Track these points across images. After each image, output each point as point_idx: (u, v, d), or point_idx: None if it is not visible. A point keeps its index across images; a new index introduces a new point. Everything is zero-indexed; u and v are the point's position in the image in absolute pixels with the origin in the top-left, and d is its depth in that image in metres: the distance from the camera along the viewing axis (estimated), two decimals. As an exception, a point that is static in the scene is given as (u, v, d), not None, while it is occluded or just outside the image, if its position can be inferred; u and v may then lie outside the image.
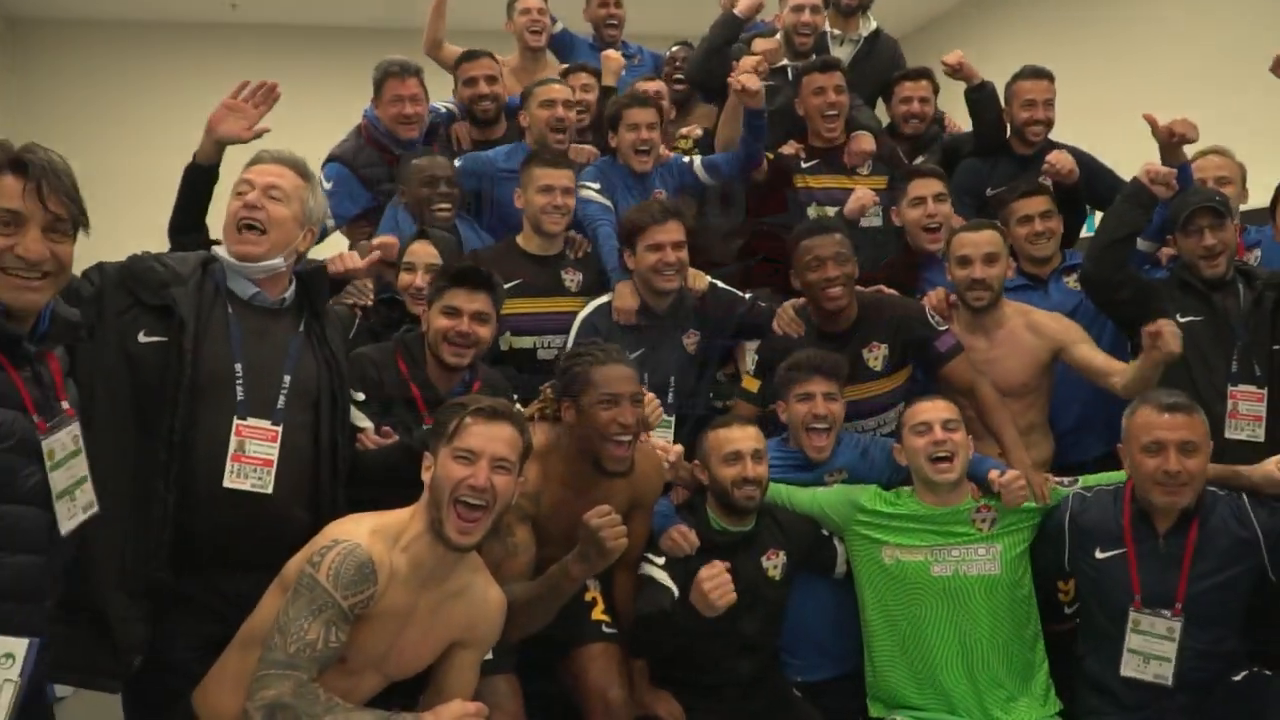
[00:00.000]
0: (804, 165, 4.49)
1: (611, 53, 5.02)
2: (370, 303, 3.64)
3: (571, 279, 3.96)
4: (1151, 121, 3.79)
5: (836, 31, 4.96)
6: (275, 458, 2.55)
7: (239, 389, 2.55)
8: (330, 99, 5.86)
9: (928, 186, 4.14)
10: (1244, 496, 3.02)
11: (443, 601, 2.45)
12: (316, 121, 4.41)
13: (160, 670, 2.47)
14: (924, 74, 4.94)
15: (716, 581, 2.85)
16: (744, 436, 3.19)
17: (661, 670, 3.20)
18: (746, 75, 4.04)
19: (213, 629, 2.48)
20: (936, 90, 5.00)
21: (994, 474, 3.20)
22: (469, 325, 3.10)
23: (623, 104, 4.27)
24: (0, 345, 2.00)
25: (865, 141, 4.49)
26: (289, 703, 2.10)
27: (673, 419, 3.68)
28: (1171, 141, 3.80)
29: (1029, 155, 4.45)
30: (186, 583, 2.50)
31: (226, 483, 2.50)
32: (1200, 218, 3.53)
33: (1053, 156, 4.20)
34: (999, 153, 4.54)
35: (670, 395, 3.67)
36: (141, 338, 2.51)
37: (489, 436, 2.39)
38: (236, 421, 2.53)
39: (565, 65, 5.13)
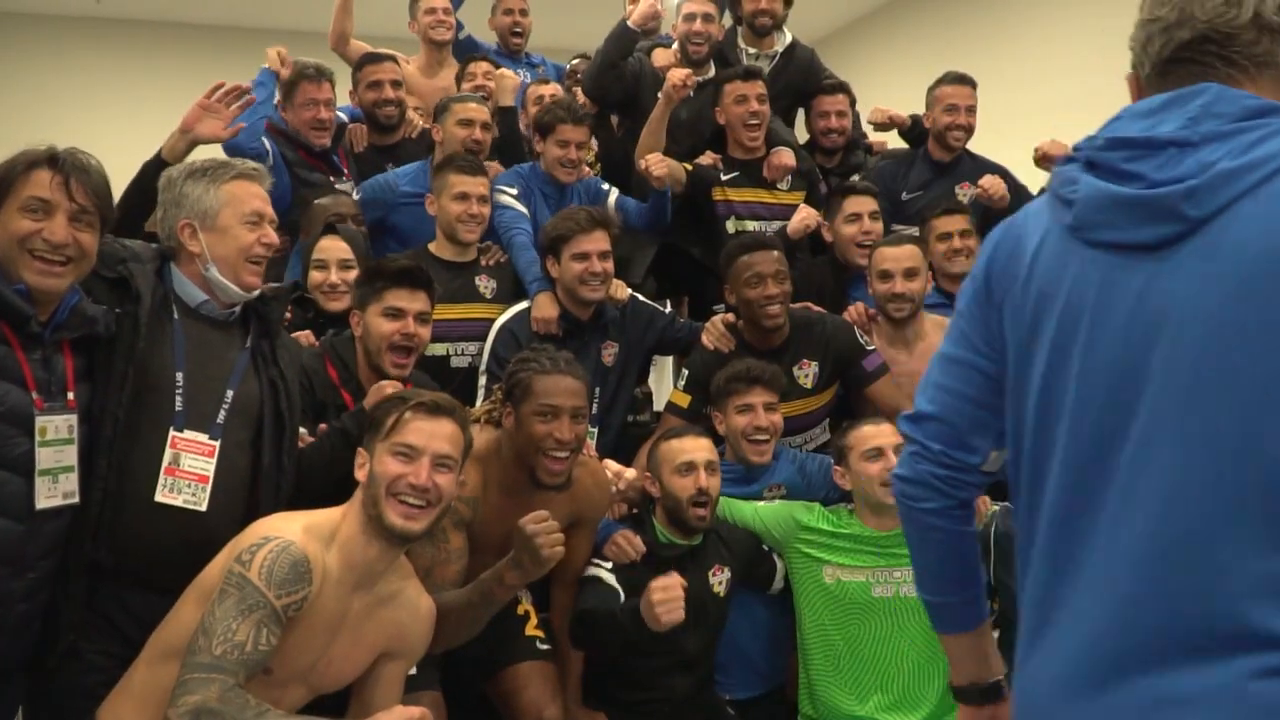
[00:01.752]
0: (724, 178, 4.49)
1: (505, 71, 4.92)
2: (288, 316, 3.47)
3: (486, 285, 3.91)
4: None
5: (751, 50, 4.94)
6: (211, 474, 2.44)
7: (178, 399, 2.45)
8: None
9: (863, 204, 4.21)
10: None
11: (373, 608, 2.35)
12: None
13: (60, 686, 2.35)
14: (841, 88, 5.00)
15: (667, 595, 2.81)
16: (698, 447, 3.18)
17: (596, 688, 3.17)
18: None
19: (118, 649, 2.35)
20: (854, 103, 5.07)
21: None
22: (413, 326, 3.02)
23: (558, 116, 4.20)
24: (11, 323, 2.20)
25: (786, 156, 4.50)
26: (215, 708, 1.94)
27: (596, 429, 3.65)
28: (1041, 165, 3.96)
29: (946, 161, 4.54)
30: (99, 596, 2.38)
31: (158, 497, 2.39)
32: None
33: (986, 182, 4.31)
34: (916, 158, 4.65)
35: (594, 407, 3.60)
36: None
37: (430, 433, 2.31)
38: (173, 433, 2.42)
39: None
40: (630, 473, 3.27)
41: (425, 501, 2.28)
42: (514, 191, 4.14)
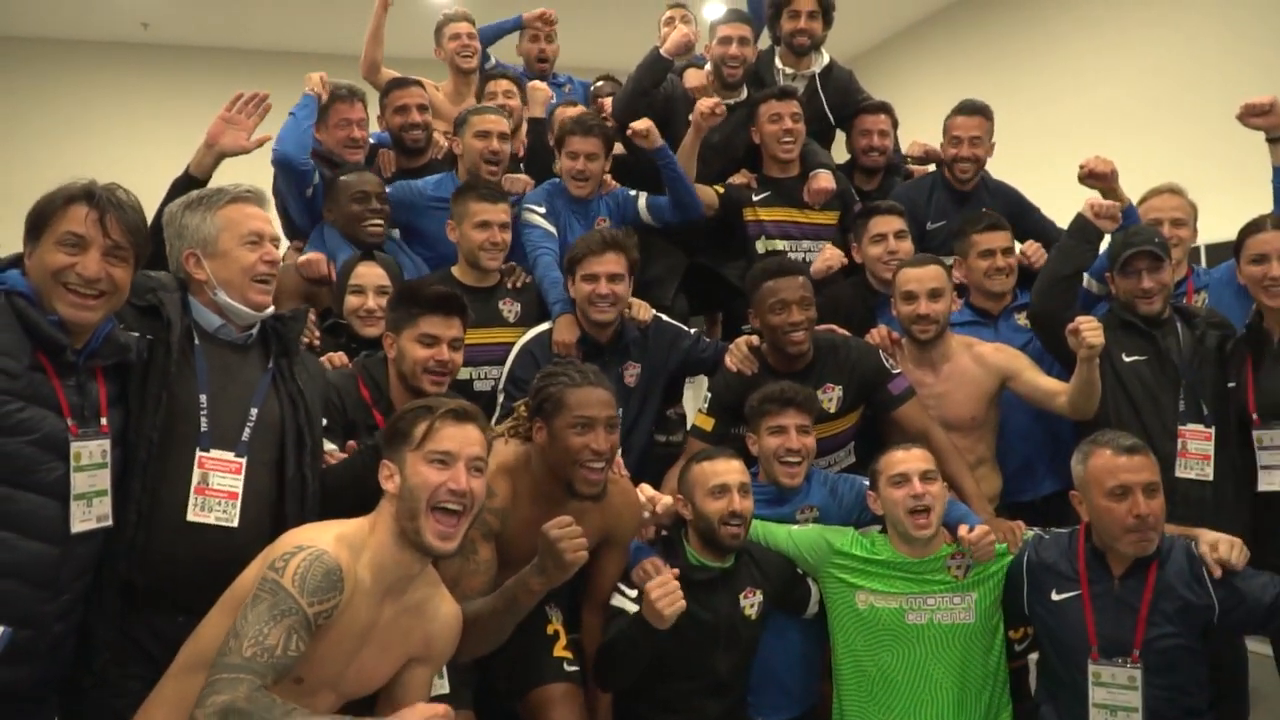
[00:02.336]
0: (755, 197, 4.48)
1: (538, 84, 4.97)
2: (317, 340, 3.54)
3: (509, 309, 3.93)
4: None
5: (789, 70, 4.90)
6: (240, 490, 2.50)
7: (203, 420, 2.50)
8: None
9: (889, 224, 4.18)
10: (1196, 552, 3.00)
11: (401, 615, 2.38)
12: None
13: (92, 710, 2.41)
14: (883, 108, 4.98)
15: (665, 590, 2.82)
16: (729, 470, 3.16)
17: (628, 712, 3.16)
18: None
19: (147, 672, 2.36)
20: (895, 124, 5.04)
21: (963, 530, 3.17)
22: (447, 353, 3.07)
23: (568, 129, 4.25)
24: (46, 351, 2.26)
25: (825, 179, 4.48)
26: (244, 708, 1.94)
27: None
28: (1087, 183, 3.89)
29: (964, 190, 4.51)
30: (129, 620, 2.43)
31: (190, 516, 2.44)
32: (1138, 261, 3.57)
33: (1029, 249, 4.27)
34: (934, 185, 4.59)
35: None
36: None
37: (463, 439, 2.34)
38: (199, 453, 2.48)
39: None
40: (665, 499, 3.25)
41: (463, 506, 2.31)
42: (542, 210, 4.17)
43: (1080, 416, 3.49)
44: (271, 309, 2.67)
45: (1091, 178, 3.89)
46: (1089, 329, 3.27)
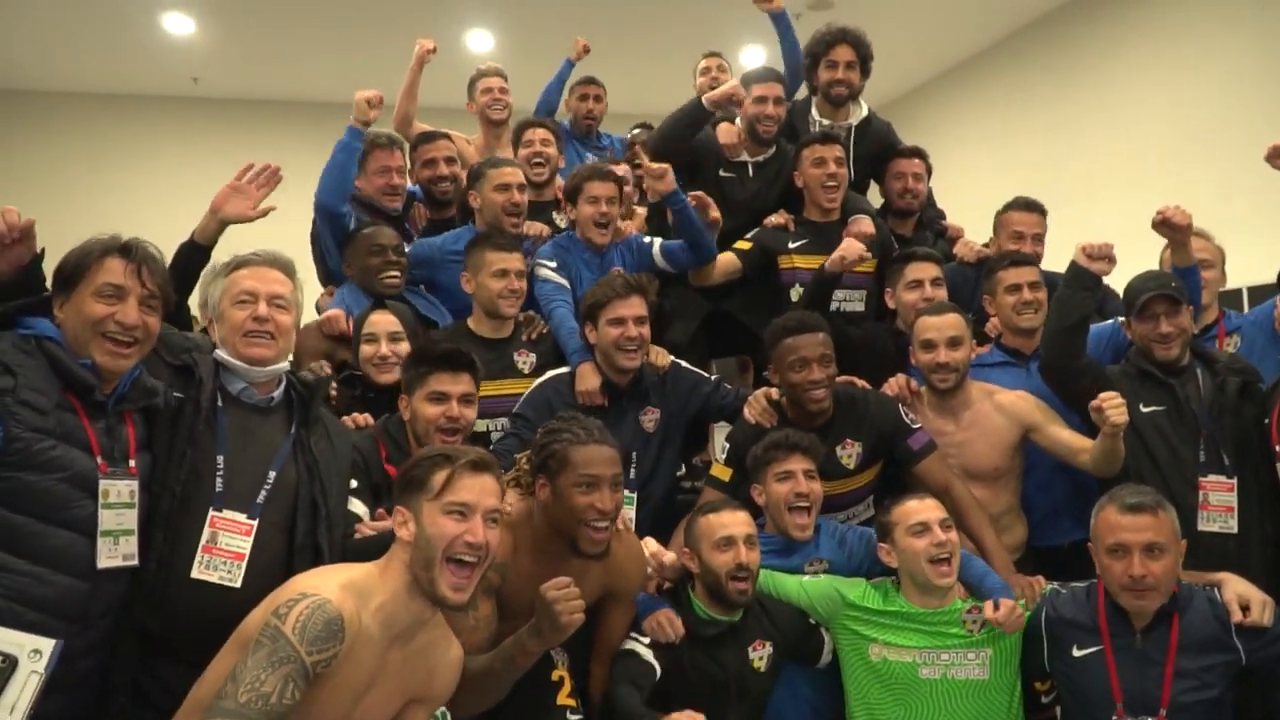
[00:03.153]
0: (792, 244, 4.49)
1: (535, 224, 4.72)
2: (333, 394, 3.58)
3: (524, 360, 3.97)
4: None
5: (825, 121, 4.93)
6: (247, 552, 2.54)
7: (218, 480, 2.56)
8: (292, 174, 5.84)
9: (926, 270, 4.17)
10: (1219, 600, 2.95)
11: (408, 659, 2.41)
12: (276, 196, 4.37)
13: None
14: (917, 152, 5.02)
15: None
16: (735, 521, 3.14)
17: None
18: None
19: (156, 717, 2.40)
20: (930, 170, 5.06)
21: (989, 610, 3.10)
22: (457, 409, 3.13)
23: (583, 176, 4.30)
24: (77, 393, 2.37)
25: (866, 224, 4.48)
26: None
27: (634, 495, 3.65)
28: (1160, 230, 3.81)
29: None
30: (145, 667, 2.50)
31: (194, 573, 2.50)
32: (1155, 305, 3.51)
33: None
34: (980, 278, 4.44)
35: (631, 471, 3.64)
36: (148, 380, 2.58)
37: (481, 489, 2.37)
38: (212, 512, 2.54)
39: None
40: (669, 556, 3.24)
41: (478, 558, 2.33)
42: (553, 264, 4.21)
43: (1103, 476, 3.43)
44: (283, 365, 2.74)
45: (1166, 225, 3.79)
46: (1112, 407, 3.21)
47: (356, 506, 2.89)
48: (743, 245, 4.53)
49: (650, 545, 3.27)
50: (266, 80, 10.42)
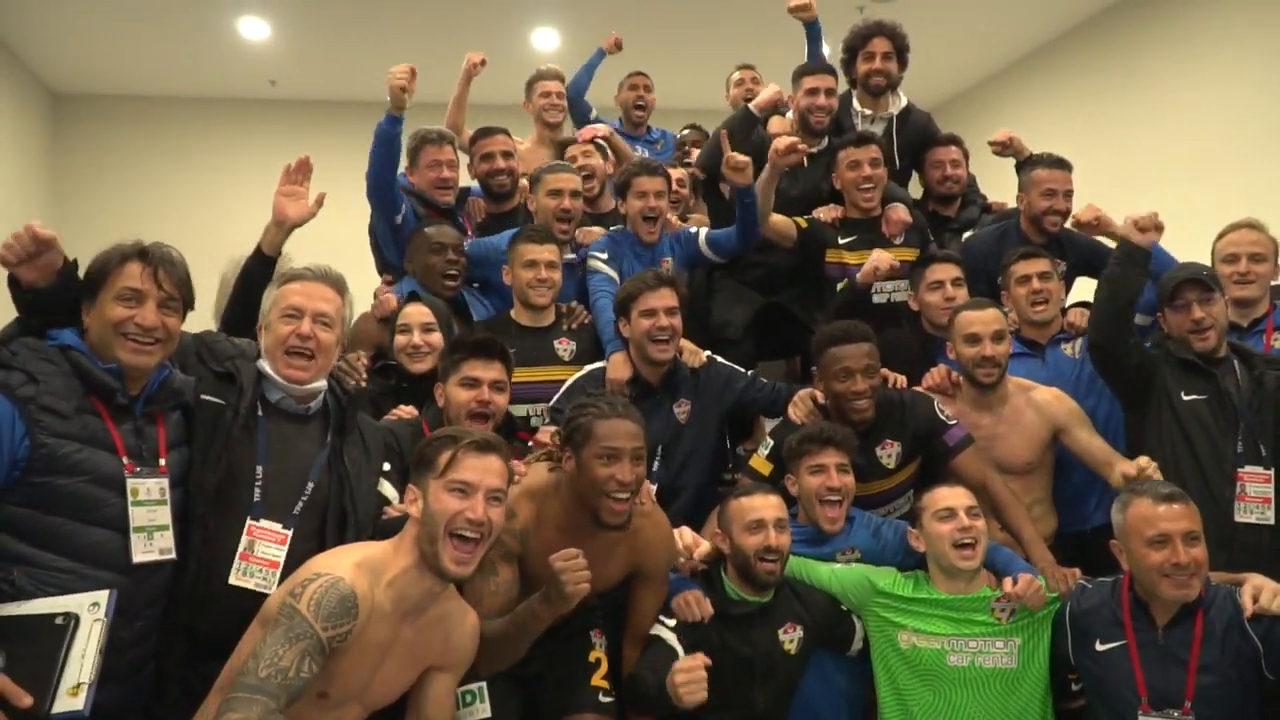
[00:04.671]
0: (841, 240, 4.55)
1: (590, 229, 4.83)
2: (364, 381, 3.73)
3: (565, 348, 4.09)
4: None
5: (866, 111, 5.02)
6: (282, 561, 2.64)
7: (256, 490, 2.67)
8: (360, 170, 6.04)
9: (946, 271, 4.22)
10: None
11: (421, 630, 2.53)
12: (354, 194, 4.56)
13: None
14: (953, 139, 5.09)
15: (690, 678, 2.85)
16: (766, 505, 3.22)
17: None
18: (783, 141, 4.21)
19: (189, 704, 2.54)
20: (967, 156, 5.12)
21: (1007, 585, 3.16)
22: (488, 394, 3.24)
23: (632, 172, 4.41)
24: (101, 396, 2.46)
25: (902, 212, 4.57)
26: None
27: (655, 487, 3.65)
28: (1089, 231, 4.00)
29: (1042, 243, 4.47)
30: (193, 661, 2.61)
31: (232, 580, 2.61)
32: (1187, 291, 3.54)
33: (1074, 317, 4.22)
34: (1006, 235, 4.58)
35: (656, 463, 3.72)
36: (203, 395, 2.71)
37: (483, 469, 2.48)
38: (249, 522, 2.65)
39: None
40: (704, 547, 3.30)
41: (479, 535, 2.44)
42: (604, 256, 4.33)
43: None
44: (320, 385, 2.82)
45: (1082, 227, 4.02)
46: (1142, 473, 3.25)
47: (386, 489, 2.99)
48: (800, 221, 4.58)
49: (685, 536, 3.34)
50: (341, 81, 10.60)
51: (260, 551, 2.64)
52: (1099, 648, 3.03)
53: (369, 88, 10.88)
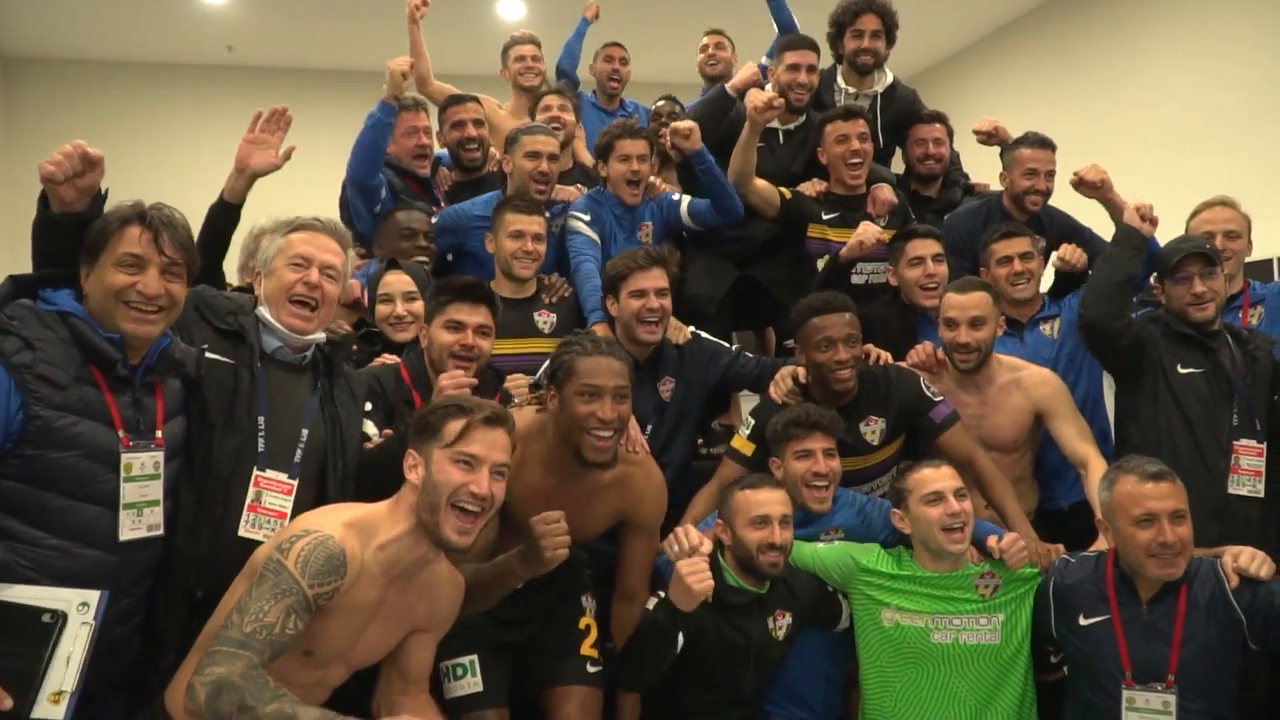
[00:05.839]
0: (825, 216, 4.51)
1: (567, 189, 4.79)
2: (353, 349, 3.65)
3: (545, 321, 4.03)
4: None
5: (851, 89, 4.96)
6: (289, 511, 2.62)
7: (260, 440, 2.64)
8: (327, 142, 5.92)
9: (927, 247, 4.19)
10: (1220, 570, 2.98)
11: (408, 593, 2.49)
12: (311, 165, 4.45)
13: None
14: (938, 117, 5.03)
15: (694, 568, 2.90)
16: (772, 500, 3.17)
17: (648, 713, 3.20)
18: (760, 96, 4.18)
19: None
20: (951, 134, 5.07)
21: (992, 540, 3.17)
22: (472, 338, 3.21)
23: (614, 134, 4.35)
24: (100, 366, 2.37)
25: (887, 192, 4.53)
26: (237, 684, 2.03)
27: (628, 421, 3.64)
28: (1081, 190, 3.98)
29: (1023, 221, 4.46)
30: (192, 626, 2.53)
31: (242, 531, 2.58)
32: (1190, 264, 3.55)
33: (1066, 252, 4.26)
34: (989, 213, 4.56)
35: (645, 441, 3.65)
36: (207, 353, 2.63)
37: (491, 443, 2.43)
38: (256, 472, 2.62)
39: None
40: (707, 545, 3.17)
41: (481, 508, 2.39)
42: (587, 218, 4.28)
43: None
44: (320, 336, 2.79)
45: (1083, 185, 3.97)
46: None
47: (368, 427, 3.00)
48: (785, 192, 4.53)
49: (692, 535, 3.19)
50: (301, 49, 10.48)
51: (268, 502, 2.61)
52: (1083, 622, 3.03)
53: (329, 56, 10.79)
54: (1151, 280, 4.00)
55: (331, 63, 10.87)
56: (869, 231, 4.21)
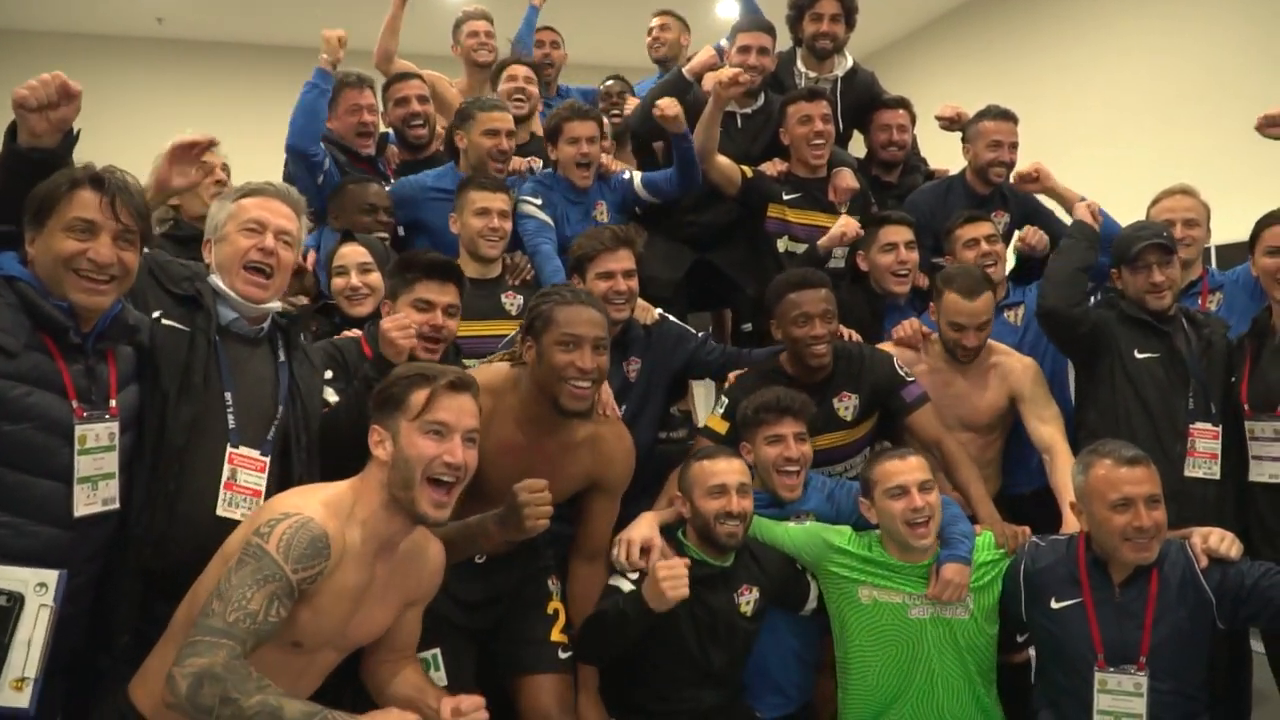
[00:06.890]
0: (786, 196, 4.51)
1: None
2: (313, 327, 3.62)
3: (511, 302, 3.97)
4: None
5: (811, 74, 4.94)
6: (264, 488, 2.57)
7: (230, 417, 2.56)
8: (255, 115, 5.80)
9: (899, 234, 4.24)
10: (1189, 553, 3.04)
11: (395, 567, 2.44)
12: (240, 138, 4.36)
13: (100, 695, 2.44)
14: (901, 103, 5.05)
15: (672, 572, 2.89)
16: (729, 469, 3.18)
17: (619, 695, 3.19)
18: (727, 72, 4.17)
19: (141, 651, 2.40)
20: (914, 119, 5.09)
21: (933, 578, 3.16)
22: (441, 318, 3.16)
23: (563, 116, 4.29)
24: (52, 334, 2.27)
25: (849, 178, 4.54)
26: (220, 674, 1.98)
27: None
28: (1025, 188, 4.14)
29: (985, 195, 4.54)
30: (147, 605, 2.46)
31: (219, 511, 2.50)
32: (1149, 254, 3.62)
33: (1028, 234, 4.34)
34: (951, 190, 4.61)
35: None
36: (163, 320, 2.54)
37: (459, 409, 2.38)
38: (230, 450, 2.54)
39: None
40: (655, 550, 3.15)
41: (456, 478, 2.35)
42: (537, 202, 4.22)
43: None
44: (275, 305, 2.71)
45: (1023, 183, 4.08)
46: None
47: (329, 395, 2.96)
48: (746, 170, 4.52)
49: (634, 553, 3.18)
50: (233, 22, 10.26)
51: (243, 480, 2.54)
52: (1054, 605, 3.06)
53: (261, 30, 10.59)
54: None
55: (264, 38, 10.66)
56: (850, 225, 4.25)
